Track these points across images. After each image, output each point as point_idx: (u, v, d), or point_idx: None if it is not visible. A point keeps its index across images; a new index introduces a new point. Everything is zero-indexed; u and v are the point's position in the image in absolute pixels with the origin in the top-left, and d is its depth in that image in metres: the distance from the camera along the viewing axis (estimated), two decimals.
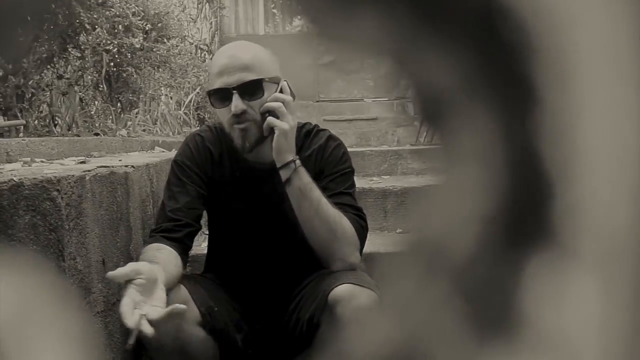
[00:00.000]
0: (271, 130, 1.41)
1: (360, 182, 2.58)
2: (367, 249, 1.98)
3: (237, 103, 1.40)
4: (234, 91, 1.40)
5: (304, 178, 1.41)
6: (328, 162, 1.51)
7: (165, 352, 1.37)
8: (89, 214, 1.24)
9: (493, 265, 0.31)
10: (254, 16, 11.38)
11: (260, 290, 1.55)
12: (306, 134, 1.55)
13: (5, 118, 2.84)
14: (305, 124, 1.59)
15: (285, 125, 1.40)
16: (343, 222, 1.41)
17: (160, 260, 1.29)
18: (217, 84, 1.43)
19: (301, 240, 1.45)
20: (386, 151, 3.18)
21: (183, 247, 1.43)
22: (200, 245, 2.05)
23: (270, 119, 1.41)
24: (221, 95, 1.43)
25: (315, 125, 1.60)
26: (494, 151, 0.31)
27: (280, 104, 1.41)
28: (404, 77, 0.38)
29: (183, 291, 1.39)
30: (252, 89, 1.41)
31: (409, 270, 0.34)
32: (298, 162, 1.42)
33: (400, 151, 3.18)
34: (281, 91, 1.44)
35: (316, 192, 1.41)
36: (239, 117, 1.41)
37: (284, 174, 1.42)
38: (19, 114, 2.85)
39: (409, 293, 0.34)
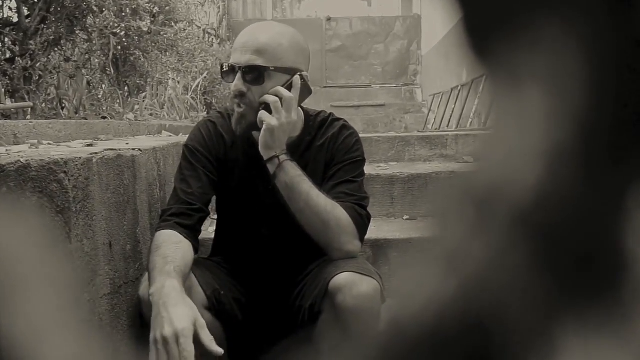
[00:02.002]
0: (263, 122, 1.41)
1: (367, 169, 2.55)
2: (374, 235, 1.99)
3: (237, 83, 1.42)
4: (239, 71, 1.41)
5: (290, 172, 1.42)
6: (339, 150, 1.51)
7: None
8: (96, 197, 1.24)
9: (570, 204, 0.27)
10: (262, 0, 11.32)
11: (265, 276, 1.55)
12: (321, 123, 1.55)
13: (13, 100, 2.83)
14: (320, 112, 1.59)
15: (273, 122, 1.40)
16: (337, 212, 1.41)
17: (178, 258, 1.32)
18: (232, 59, 1.45)
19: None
20: (394, 138, 3.16)
21: (195, 234, 1.45)
22: (207, 230, 2.05)
23: (261, 113, 1.41)
24: (229, 71, 1.45)
25: (330, 114, 1.59)
26: (571, 71, 0.27)
27: (277, 99, 1.41)
28: None
29: (190, 275, 1.39)
30: (255, 74, 1.41)
31: (458, 217, 0.30)
32: (283, 156, 1.42)
33: (408, 138, 3.16)
34: (290, 85, 1.43)
35: (305, 185, 1.41)
36: (237, 97, 1.43)
37: (270, 169, 1.43)
38: (26, 97, 2.85)
39: (459, 242, 0.30)
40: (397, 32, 10.25)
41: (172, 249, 1.35)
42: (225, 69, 1.47)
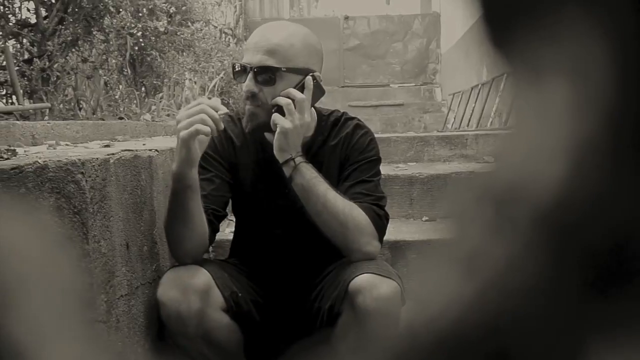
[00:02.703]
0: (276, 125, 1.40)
1: (385, 169, 2.54)
2: (392, 237, 1.97)
3: (249, 84, 1.40)
4: (251, 71, 1.40)
5: (307, 174, 1.40)
6: (354, 150, 1.49)
7: (190, 338, 1.37)
8: (113, 197, 1.23)
9: (596, 204, 0.26)
10: (278, 0, 11.33)
11: (283, 277, 1.53)
12: (333, 123, 1.53)
13: (31, 101, 2.85)
14: (333, 111, 1.56)
15: (287, 124, 1.38)
16: (354, 213, 1.39)
17: None
18: (243, 59, 1.44)
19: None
20: (412, 137, 3.13)
21: (212, 226, 1.44)
22: (224, 232, 2.04)
23: (274, 115, 1.40)
24: (241, 72, 1.44)
25: (343, 113, 1.57)
26: (596, 63, 0.26)
27: (289, 101, 1.39)
28: None
29: (207, 276, 1.38)
30: (266, 75, 1.40)
31: (478, 217, 0.29)
32: (299, 159, 1.40)
33: (427, 137, 3.13)
34: (302, 86, 1.41)
35: (322, 187, 1.39)
36: (249, 98, 1.42)
37: (285, 171, 1.41)
38: (44, 97, 2.86)
39: (479, 244, 0.28)
40: (416, 30, 10.18)
41: None
42: (237, 69, 1.45)
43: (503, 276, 0.27)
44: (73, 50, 3.24)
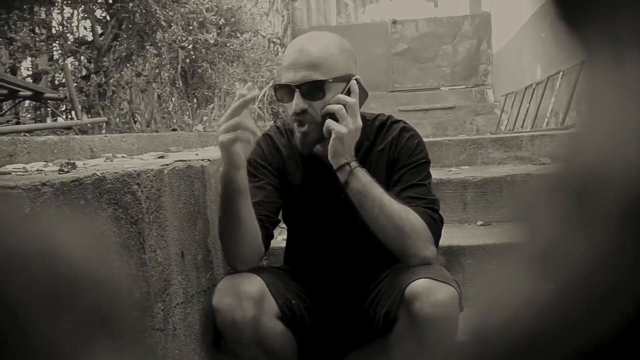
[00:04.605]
0: (330, 132, 1.39)
1: (437, 173, 2.50)
2: (446, 242, 1.93)
3: (297, 102, 1.40)
4: (296, 89, 1.39)
5: (362, 179, 1.38)
6: (402, 153, 1.47)
7: (244, 345, 1.38)
8: (168, 207, 1.25)
9: None
10: (325, 7, 11.38)
11: (336, 284, 1.53)
12: (379, 127, 1.52)
13: (89, 116, 2.95)
14: (379, 115, 1.55)
15: (342, 129, 1.37)
16: (410, 217, 1.37)
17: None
18: (284, 78, 1.43)
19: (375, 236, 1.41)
20: (465, 140, 3.07)
21: (266, 232, 1.44)
22: (276, 239, 2.05)
23: (328, 121, 1.39)
24: (285, 91, 1.43)
25: (389, 116, 1.55)
26: None
27: (341, 106, 1.38)
28: None
29: (261, 284, 1.39)
30: (314, 89, 1.39)
31: (551, 214, 0.26)
32: (354, 163, 1.39)
33: (479, 140, 3.06)
34: (349, 91, 1.41)
35: (377, 191, 1.38)
36: (299, 115, 1.40)
37: (341, 177, 1.40)
38: (101, 112, 2.95)
39: (555, 241, 0.26)
40: (466, 31, 10.03)
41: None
42: (280, 90, 1.44)
43: (587, 276, 0.25)
44: (127, 65, 3.34)
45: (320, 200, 1.51)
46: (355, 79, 1.42)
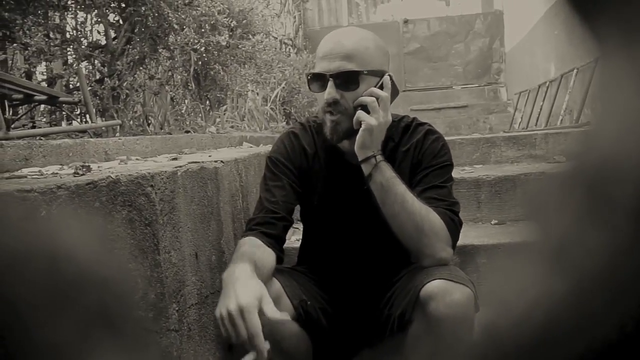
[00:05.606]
0: (361, 123, 1.39)
1: None
2: (460, 241, 1.91)
3: (330, 91, 1.40)
4: (330, 79, 1.40)
5: (386, 173, 1.38)
6: (425, 155, 1.47)
7: None
8: (182, 209, 1.26)
9: None
10: (337, 7, 11.38)
11: (352, 285, 1.53)
12: (404, 128, 1.52)
13: (103, 119, 2.97)
14: (404, 117, 1.55)
15: (372, 121, 1.38)
16: (431, 217, 1.37)
17: (257, 258, 1.32)
18: (317, 68, 1.43)
19: (393, 235, 1.41)
20: (478, 139, 3.05)
21: (279, 243, 1.45)
22: (290, 239, 2.05)
23: (359, 112, 1.40)
24: (319, 80, 1.43)
25: (414, 118, 1.55)
26: None
27: (374, 99, 1.39)
28: None
29: (277, 285, 1.39)
30: (348, 79, 1.40)
31: (565, 210, 0.26)
32: (379, 157, 1.39)
33: (493, 139, 3.05)
34: (381, 85, 1.41)
35: (400, 187, 1.37)
36: (331, 105, 1.41)
37: (365, 169, 1.40)
38: (115, 115, 2.98)
39: (570, 238, 0.25)
40: (478, 29, 9.98)
41: (251, 249, 1.36)
42: (313, 79, 1.44)
43: (601, 273, 0.24)
44: (140, 68, 3.36)
45: (342, 198, 1.51)
46: (389, 75, 1.43)
